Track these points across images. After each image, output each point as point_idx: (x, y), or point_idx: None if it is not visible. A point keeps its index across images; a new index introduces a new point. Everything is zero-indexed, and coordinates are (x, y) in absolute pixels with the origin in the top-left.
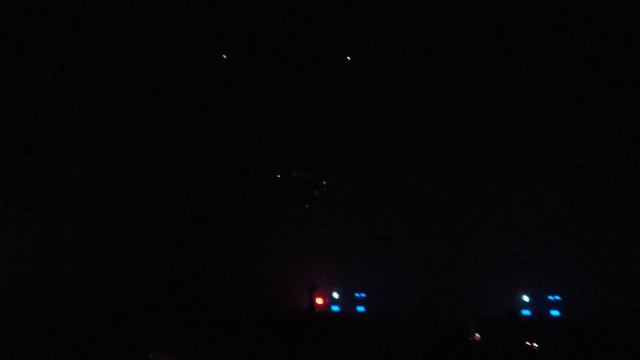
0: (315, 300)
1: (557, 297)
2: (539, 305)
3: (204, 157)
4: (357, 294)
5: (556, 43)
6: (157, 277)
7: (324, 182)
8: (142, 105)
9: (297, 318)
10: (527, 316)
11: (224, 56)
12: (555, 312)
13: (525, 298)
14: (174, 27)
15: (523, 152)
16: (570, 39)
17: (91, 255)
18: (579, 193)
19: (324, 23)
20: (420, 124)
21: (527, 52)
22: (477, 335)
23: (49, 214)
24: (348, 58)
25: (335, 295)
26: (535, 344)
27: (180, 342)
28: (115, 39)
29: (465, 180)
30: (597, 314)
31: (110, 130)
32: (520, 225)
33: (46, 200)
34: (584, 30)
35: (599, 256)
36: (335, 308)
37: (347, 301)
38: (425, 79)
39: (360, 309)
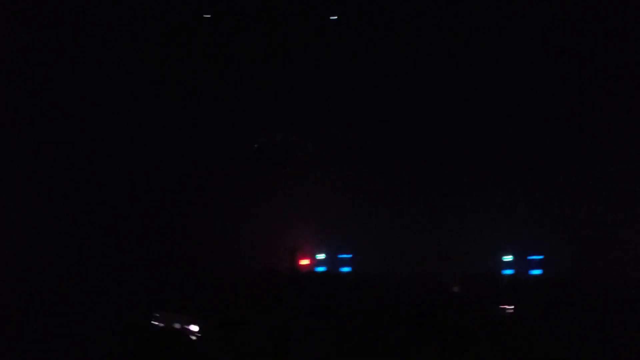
0: (298, 261)
1: (539, 257)
2: (521, 264)
3: (184, 118)
4: (342, 255)
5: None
6: (142, 237)
7: (308, 144)
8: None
9: (281, 278)
10: (508, 275)
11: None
12: (536, 271)
13: (507, 258)
14: None
15: (502, 115)
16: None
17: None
18: (561, 153)
19: None
20: (407, 84)
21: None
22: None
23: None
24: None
25: (320, 256)
26: (510, 307)
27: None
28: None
29: (449, 141)
30: (579, 272)
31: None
32: (503, 186)
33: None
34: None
35: (581, 215)
36: (320, 269)
37: (332, 262)
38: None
39: (346, 269)
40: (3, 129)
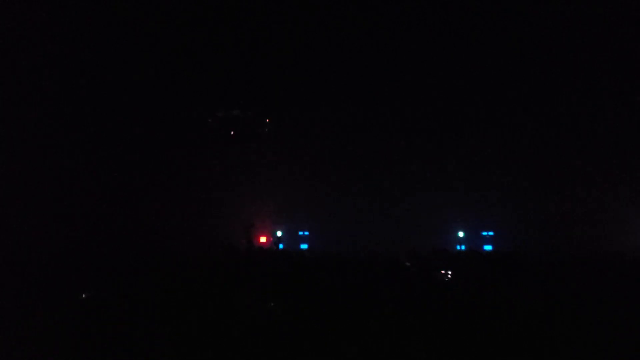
0: (256, 238)
1: (490, 233)
2: (474, 240)
3: (145, 95)
4: (300, 232)
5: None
6: (94, 217)
7: (267, 120)
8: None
9: (235, 255)
10: (463, 251)
11: None
12: (488, 247)
13: (460, 234)
14: None
15: (456, 96)
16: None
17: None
18: (512, 134)
19: None
20: (365, 65)
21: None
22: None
23: None
24: None
25: (279, 233)
26: (448, 272)
27: (114, 283)
28: None
29: (404, 122)
30: (525, 248)
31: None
32: (456, 167)
33: None
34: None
35: (531, 194)
36: (279, 246)
37: (291, 239)
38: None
39: (304, 246)
40: None
